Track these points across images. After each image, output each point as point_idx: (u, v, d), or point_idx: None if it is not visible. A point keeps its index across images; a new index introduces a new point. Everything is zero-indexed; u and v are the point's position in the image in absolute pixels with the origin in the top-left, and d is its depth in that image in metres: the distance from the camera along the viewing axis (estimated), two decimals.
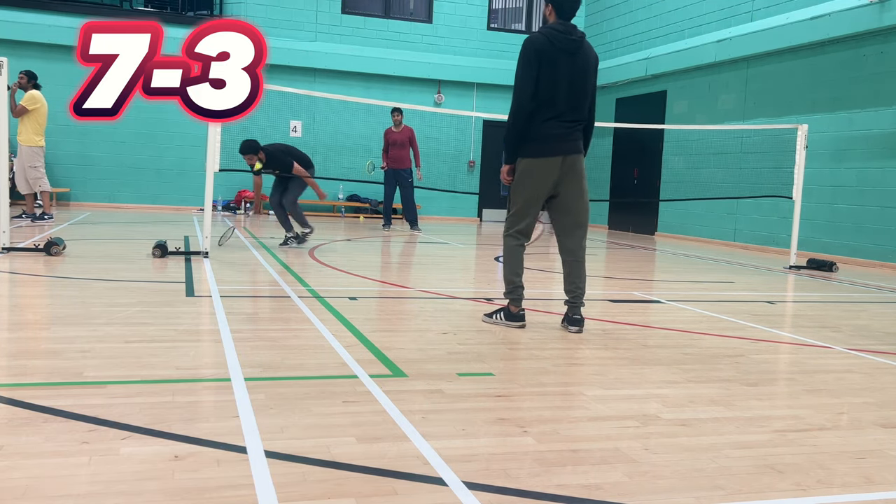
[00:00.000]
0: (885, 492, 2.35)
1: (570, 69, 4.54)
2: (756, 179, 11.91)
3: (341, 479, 2.22)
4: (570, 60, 4.55)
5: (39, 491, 2.06)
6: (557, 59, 4.52)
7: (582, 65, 4.60)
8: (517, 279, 4.68)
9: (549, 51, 4.52)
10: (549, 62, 4.50)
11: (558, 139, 4.55)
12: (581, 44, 4.64)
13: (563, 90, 4.52)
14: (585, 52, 4.65)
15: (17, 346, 3.79)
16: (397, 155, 12.37)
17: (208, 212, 7.59)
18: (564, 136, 4.56)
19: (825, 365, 4.13)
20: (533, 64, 4.48)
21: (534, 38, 4.56)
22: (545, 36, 4.57)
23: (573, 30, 4.65)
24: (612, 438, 2.69)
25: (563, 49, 4.55)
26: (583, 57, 4.62)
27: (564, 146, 4.56)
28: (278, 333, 4.19)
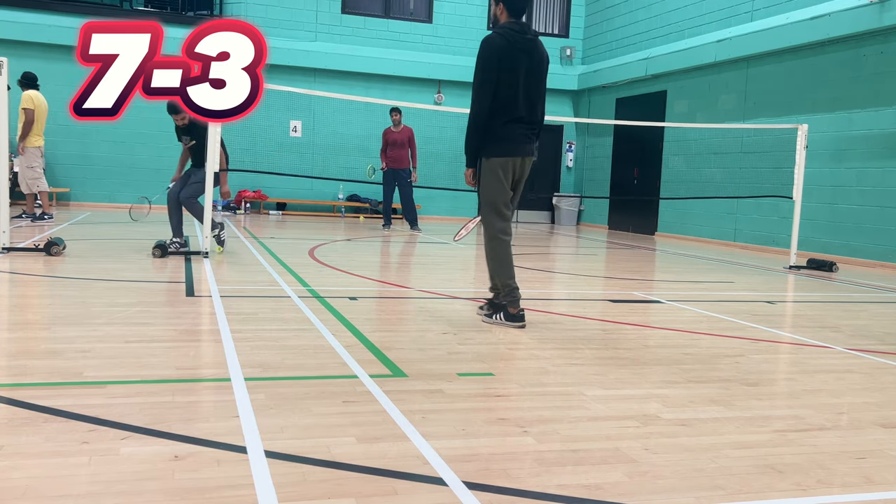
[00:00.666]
0: (885, 492, 2.35)
1: (528, 68, 4.60)
2: (756, 179, 11.90)
3: (341, 479, 2.22)
4: (528, 60, 4.59)
5: (39, 491, 2.06)
6: (516, 59, 4.55)
7: (538, 64, 4.65)
8: (512, 281, 4.69)
9: (508, 51, 4.54)
10: (508, 62, 4.53)
11: (522, 139, 4.66)
12: (536, 43, 4.67)
13: (523, 89, 4.58)
14: (540, 51, 4.69)
15: (17, 346, 3.79)
16: (396, 155, 12.33)
17: (208, 212, 7.58)
18: (527, 137, 4.68)
19: (825, 365, 4.13)
20: (493, 65, 4.51)
21: (492, 39, 4.57)
22: (503, 36, 4.57)
23: (528, 28, 4.66)
24: (612, 438, 2.69)
25: (522, 49, 4.58)
26: (538, 56, 4.66)
27: (526, 147, 4.68)
28: (278, 333, 4.19)
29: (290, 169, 14.99)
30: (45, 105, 10.83)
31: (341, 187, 16.02)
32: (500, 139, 4.60)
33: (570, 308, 5.80)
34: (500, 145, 4.61)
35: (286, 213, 15.92)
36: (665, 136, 14.37)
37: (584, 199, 17.47)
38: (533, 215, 17.77)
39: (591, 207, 17.31)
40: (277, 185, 15.55)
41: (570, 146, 17.87)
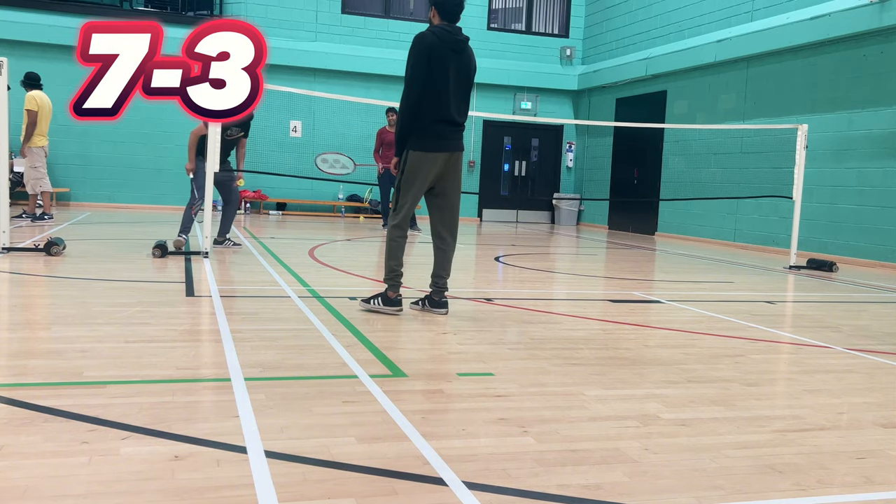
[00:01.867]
0: (885, 492, 2.34)
1: (458, 68, 4.79)
2: (756, 179, 11.90)
3: (341, 479, 2.22)
4: (457, 60, 4.78)
5: (39, 491, 2.05)
6: (447, 57, 4.74)
7: (467, 65, 4.86)
8: (398, 267, 4.96)
9: (440, 48, 4.73)
10: (438, 59, 4.72)
11: (446, 135, 4.80)
12: (466, 45, 4.86)
13: (452, 87, 4.77)
14: (469, 54, 4.89)
15: (17, 346, 3.79)
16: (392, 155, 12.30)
17: (208, 212, 7.58)
18: (452, 133, 4.82)
19: (825, 365, 4.13)
20: (424, 60, 4.70)
21: (424, 36, 4.76)
22: (435, 35, 4.76)
23: (459, 32, 4.84)
24: (612, 438, 2.69)
25: (452, 48, 4.76)
26: (467, 58, 4.86)
27: (451, 143, 4.82)
28: (278, 333, 4.19)
29: (290, 169, 14.98)
30: (48, 105, 10.82)
31: (341, 187, 16.02)
32: (428, 135, 4.77)
33: (570, 308, 5.80)
34: (424, 141, 4.78)
35: (286, 213, 15.92)
36: (665, 136, 14.37)
37: (584, 200, 17.47)
38: (533, 215, 17.78)
39: (591, 207, 17.31)
40: (277, 186, 15.55)
41: (570, 146, 17.87)
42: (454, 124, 4.84)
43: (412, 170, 4.82)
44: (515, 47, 17.12)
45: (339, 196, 16.15)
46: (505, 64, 16.69)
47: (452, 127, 4.84)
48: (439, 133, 4.79)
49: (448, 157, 4.82)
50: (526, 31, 17.44)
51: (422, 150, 4.78)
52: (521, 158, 17.72)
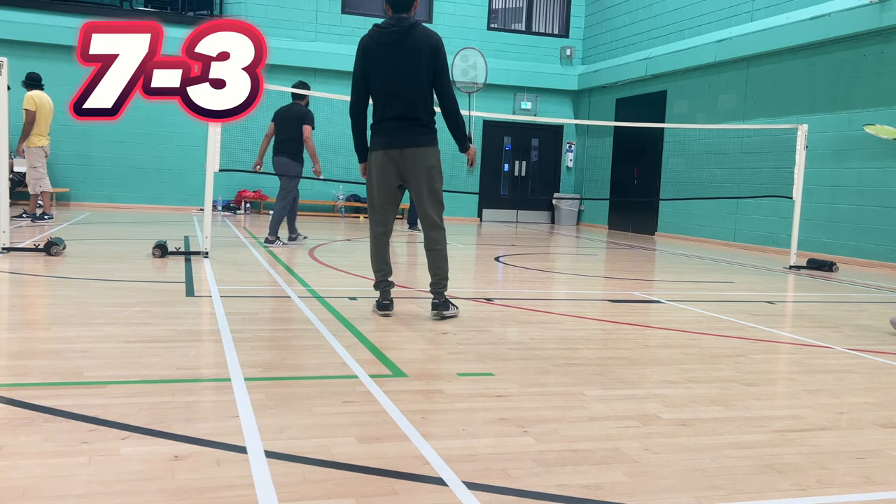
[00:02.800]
0: (885, 492, 2.34)
1: (395, 60, 4.64)
2: (756, 179, 11.90)
3: (341, 479, 2.22)
4: (393, 52, 4.64)
5: (39, 491, 2.05)
6: (379, 54, 4.65)
7: (409, 53, 4.64)
8: (377, 272, 4.91)
9: (371, 47, 4.68)
10: (371, 59, 4.68)
11: (390, 132, 4.69)
12: (404, 33, 4.64)
13: (392, 81, 4.65)
14: (412, 40, 4.64)
15: (17, 346, 3.79)
16: None
17: (208, 212, 7.59)
18: (397, 130, 4.68)
19: (825, 365, 4.13)
20: (358, 63, 4.72)
21: (361, 38, 4.74)
22: (370, 34, 4.72)
23: (400, 21, 4.65)
24: (612, 438, 2.69)
25: (382, 42, 4.66)
26: (408, 46, 4.64)
27: (396, 139, 4.68)
28: (278, 333, 4.19)
29: None
30: (48, 105, 10.81)
31: (341, 187, 16.02)
32: (375, 135, 4.75)
33: (570, 308, 5.80)
34: (373, 140, 4.77)
35: None
36: (665, 136, 14.37)
37: (584, 200, 17.47)
38: (533, 215, 17.78)
39: (591, 207, 17.31)
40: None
41: (570, 146, 17.87)
42: (401, 120, 4.68)
43: (368, 170, 4.83)
44: (515, 47, 17.12)
45: (339, 196, 16.14)
46: (505, 64, 16.67)
47: (398, 122, 4.68)
48: (383, 131, 4.71)
49: (398, 155, 4.69)
50: (526, 31, 17.44)
51: (372, 149, 4.78)
52: (521, 158, 17.72)
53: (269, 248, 8.87)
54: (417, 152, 4.71)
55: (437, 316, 4.80)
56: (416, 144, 4.70)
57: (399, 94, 4.67)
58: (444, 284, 4.85)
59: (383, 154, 4.72)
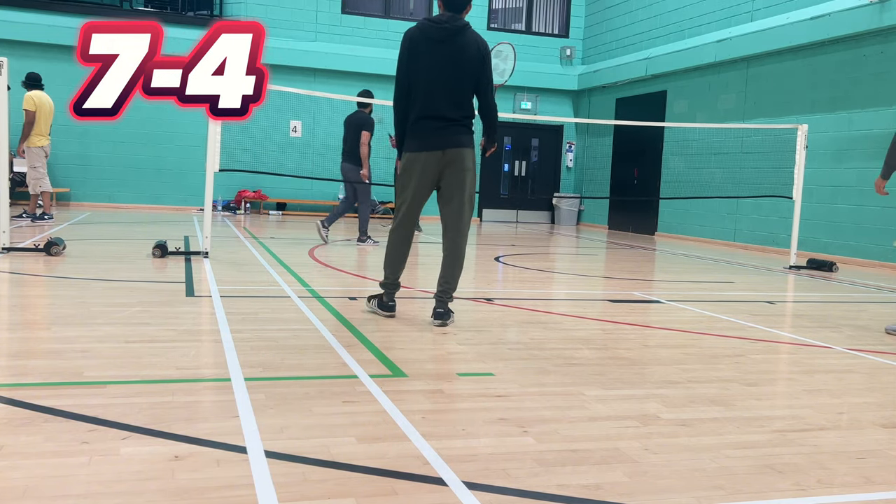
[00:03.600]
0: (885, 492, 2.34)
1: (444, 58, 4.48)
2: (756, 179, 11.91)
3: (341, 479, 2.22)
4: (442, 50, 4.48)
5: (39, 491, 2.05)
6: (428, 49, 4.48)
7: (458, 53, 4.49)
8: (392, 275, 4.80)
9: (419, 41, 4.50)
10: (418, 53, 4.49)
11: (433, 133, 4.51)
12: (455, 32, 4.50)
13: (437, 80, 4.48)
14: (462, 41, 4.51)
15: (17, 346, 3.79)
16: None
17: (208, 212, 7.59)
18: (440, 131, 4.51)
19: (825, 365, 4.13)
20: (403, 56, 4.53)
21: (408, 31, 4.59)
22: (418, 27, 4.57)
23: (452, 19, 4.52)
24: (612, 438, 2.69)
25: (432, 38, 4.49)
26: (457, 46, 4.49)
27: (439, 140, 4.50)
28: (278, 333, 4.19)
29: (290, 169, 14.99)
30: (48, 105, 10.80)
31: (341, 187, 16.00)
32: (414, 134, 4.56)
33: (570, 308, 5.80)
34: (413, 140, 4.57)
35: (286, 213, 15.92)
36: (665, 136, 14.37)
37: (584, 199, 17.47)
38: (533, 215, 17.78)
39: (591, 207, 17.31)
40: (277, 186, 15.56)
41: (570, 146, 17.88)
42: (444, 120, 4.50)
43: (403, 171, 4.65)
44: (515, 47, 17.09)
45: (339, 196, 16.13)
46: None
47: (441, 123, 4.50)
48: (424, 131, 4.52)
49: (440, 155, 4.51)
50: (526, 31, 17.44)
51: (409, 150, 4.58)
52: (521, 158, 17.72)
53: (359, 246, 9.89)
54: (460, 153, 4.55)
55: (440, 324, 4.64)
56: (459, 145, 4.54)
57: (443, 92, 4.50)
58: (452, 295, 4.73)
59: (426, 155, 4.53)
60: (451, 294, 4.70)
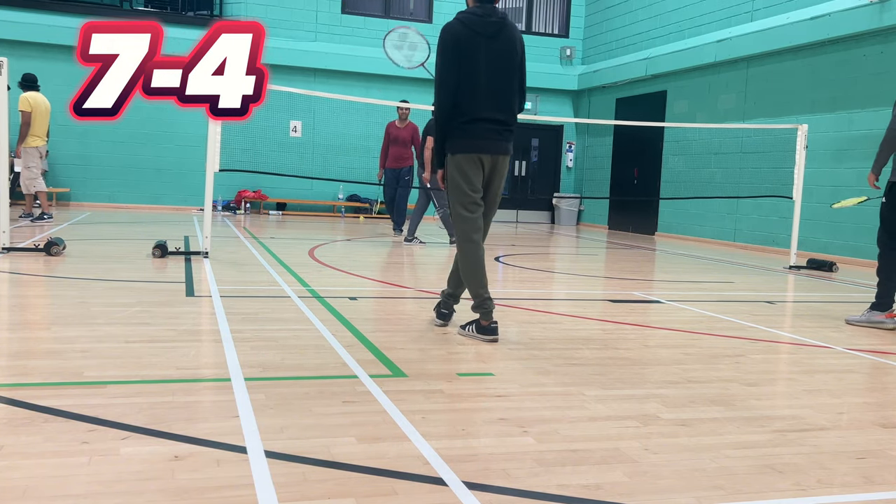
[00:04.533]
0: (885, 492, 2.34)
1: (492, 55, 4.18)
2: (756, 179, 11.91)
3: (341, 479, 2.22)
4: (490, 46, 4.18)
5: (39, 491, 2.05)
6: (477, 46, 4.17)
7: (506, 50, 4.21)
8: (483, 291, 4.34)
9: (466, 36, 4.17)
10: (467, 50, 4.16)
11: (485, 136, 4.22)
12: (502, 25, 4.23)
13: (487, 79, 4.18)
14: (509, 34, 4.23)
15: (17, 346, 3.79)
16: (398, 153, 11.25)
17: (208, 212, 7.58)
18: (491, 133, 4.23)
19: (825, 365, 4.13)
20: (450, 55, 4.16)
21: (449, 26, 4.23)
22: (460, 22, 4.22)
23: (493, 11, 4.23)
24: (612, 438, 2.69)
25: (481, 33, 4.18)
26: (505, 40, 4.21)
27: (491, 144, 4.23)
28: (278, 333, 4.19)
29: (291, 169, 14.99)
30: (44, 106, 10.80)
31: (341, 187, 16.02)
32: (465, 135, 4.20)
33: (570, 308, 5.80)
34: (463, 141, 4.21)
35: (286, 213, 15.93)
36: (665, 136, 14.37)
37: (584, 199, 17.47)
38: (533, 215, 17.77)
39: (591, 207, 17.31)
40: (277, 186, 15.56)
41: (570, 146, 17.87)
42: (495, 122, 4.21)
43: (454, 175, 4.26)
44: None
45: (339, 196, 16.15)
46: None
47: (492, 125, 4.21)
48: (476, 133, 4.19)
49: (491, 160, 4.24)
50: (526, 31, 17.43)
51: (461, 152, 4.21)
52: (521, 158, 17.72)
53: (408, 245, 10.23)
54: (505, 162, 4.33)
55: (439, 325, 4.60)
56: (507, 153, 4.31)
57: (496, 92, 4.21)
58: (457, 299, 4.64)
59: (477, 157, 4.22)
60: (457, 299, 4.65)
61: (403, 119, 11.26)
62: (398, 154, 11.32)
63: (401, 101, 11.35)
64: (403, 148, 11.31)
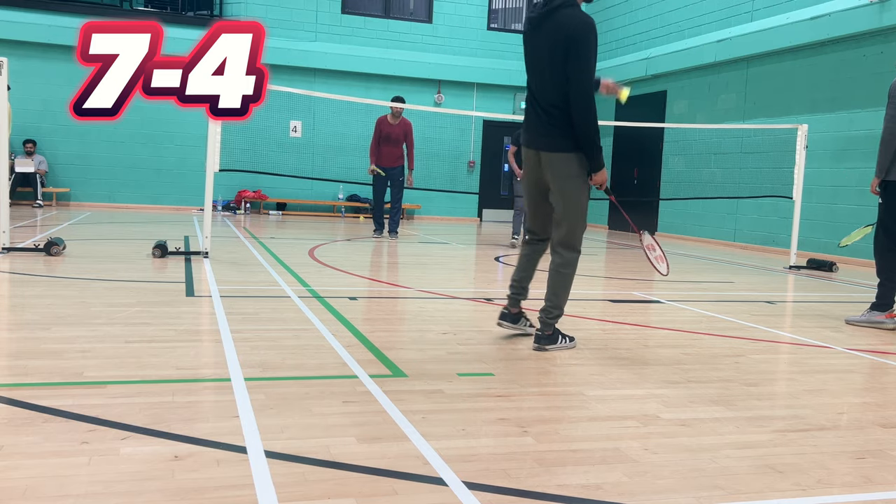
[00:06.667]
0: (885, 492, 2.34)
1: (533, 47, 4.09)
2: (756, 179, 11.90)
3: (341, 479, 2.22)
4: (533, 35, 4.07)
5: (39, 491, 2.05)
6: (526, 36, 4.14)
7: (545, 38, 3.99)
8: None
9: (525, 27, 4.15)
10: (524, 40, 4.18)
11: (528, 129, 4.14)
12: (545, 16, 4.00)
13: (529, 69, 4.13)
14: (552, 23, 3.98)
15: (17, 346, 3.79)
16: (390, 151, 10.95)
17: (208, 212, 7.58)
18: (529, 126, 4.13)
19: (825, 365, 4.13)
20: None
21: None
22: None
23: (545, 3, 4.03)
24: (612, 438, 2.69)
25: (527, 27, 4.13)
26: (546, 30, 4.00)
27: (536, 141, 4.09)
28: (278, 333, 4.19)
29: (290, 169, 14.99)
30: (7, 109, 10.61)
31: (341, 188, 16.03)
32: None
33: (571, 308, 5.78)
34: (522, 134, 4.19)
35: (286, 213, 15.93)
36: (665, 136, 14.37)
37: None
38: None
39: (591, 207, 17.26)
40: (277, 186, 15.56)
41: None
42: (534, 114, 4.09)
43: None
44: (515, 47, 17.11)
45: (339, 196, 16.15)
46: (505, 64, 16.68)
47: (531, 118, 4.11)
48: (526, 122, 4.16)
49: (536, 154, 4.09)
50: None
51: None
52: None
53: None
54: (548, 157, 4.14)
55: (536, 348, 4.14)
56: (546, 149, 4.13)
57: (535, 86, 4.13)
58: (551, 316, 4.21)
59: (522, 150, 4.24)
60: (551, 318, 4.14)
61: (396, 115, 11.00)
62: (391, 152, 10.98)
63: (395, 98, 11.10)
64: (396, 146, 10.97)
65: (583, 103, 3.89)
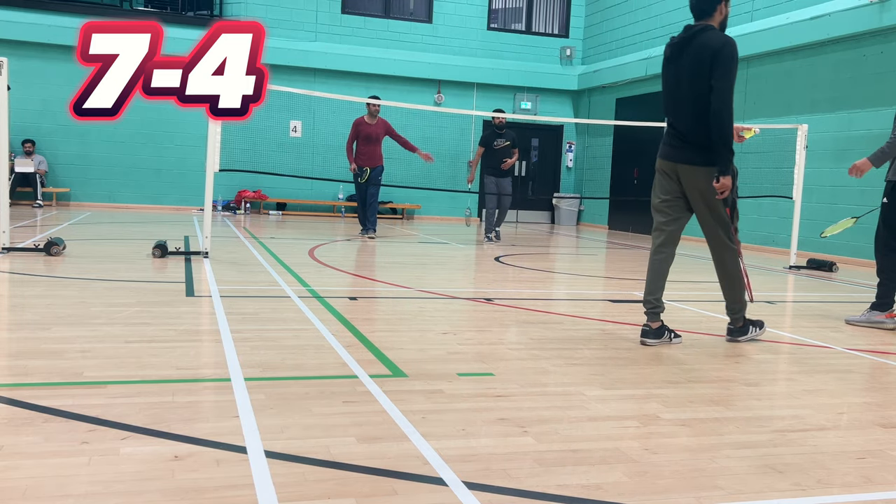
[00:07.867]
0: (885, 492, 2.34)
1: (671, 72, 4.58)
2: (756, 179, 11.90)
3: (341, 479, 2.22)
4: (669, 66, 4.61)
5: (39, 491, 2.05)
6: (666, 62, 4.63)
7: (683, 66, 4.45)
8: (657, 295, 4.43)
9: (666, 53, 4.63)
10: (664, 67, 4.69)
11: (665, 141, 4.61)
12: (688, 40, 4.42)
13: (667, 94, 4.66)
14: (690, 52, 4.40)
15: (17, 346, 3.79)
16: (370, 151, 10.86)
17: (208, 212, 7.58)
18: (668, 140, 4.59)
19: (825, 365, 4.13)
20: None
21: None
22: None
23: (687, 29, 4.46)
24: (612, 438, 2.69)
25: (668, 54, 4.60)
26: (690, 51, 4.40)
27: (672, 153, 4.54)
28: (278, 333, 4.19)
29: (290, 169, 14.98)
30: None
31: (341, 188, 16.01)
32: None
33: (570, 308, 5.80)
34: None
35: (286, 213, 15.92)
36: None
37: (584, 200, 17.47)
38: (533, 215, 17.77)
39: (590, 207, 17.31)
40: (277, 186, 15.55)
41: (570, 146, 17.87)
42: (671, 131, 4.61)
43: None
44: (515, 47, 17.13)
45: (338, 196, 16.14)
46: (505, 64, 16.68)
47: (668, 135, 4.61)
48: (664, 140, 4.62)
49: (675, 167, 4.51)
50: (526, 31, 17.43)
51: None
52: (521, 158, 17.71)
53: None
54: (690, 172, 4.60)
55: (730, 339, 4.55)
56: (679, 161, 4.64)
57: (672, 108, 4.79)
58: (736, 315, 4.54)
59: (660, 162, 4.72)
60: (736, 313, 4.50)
61: (374, 115, 10.97)
62: (372, 152, 10.92)
63: (370, 97, 11.08)
64: (375, 146, 10.92)
65: (723, 106, 4.27)
